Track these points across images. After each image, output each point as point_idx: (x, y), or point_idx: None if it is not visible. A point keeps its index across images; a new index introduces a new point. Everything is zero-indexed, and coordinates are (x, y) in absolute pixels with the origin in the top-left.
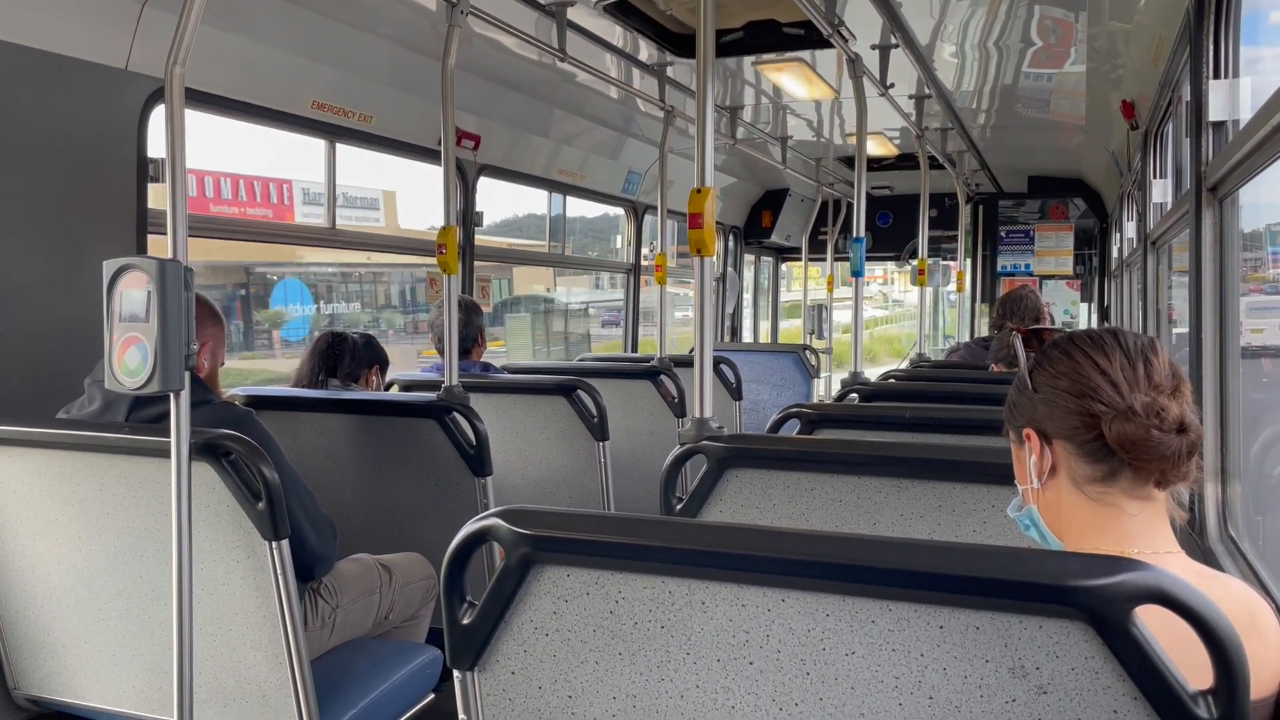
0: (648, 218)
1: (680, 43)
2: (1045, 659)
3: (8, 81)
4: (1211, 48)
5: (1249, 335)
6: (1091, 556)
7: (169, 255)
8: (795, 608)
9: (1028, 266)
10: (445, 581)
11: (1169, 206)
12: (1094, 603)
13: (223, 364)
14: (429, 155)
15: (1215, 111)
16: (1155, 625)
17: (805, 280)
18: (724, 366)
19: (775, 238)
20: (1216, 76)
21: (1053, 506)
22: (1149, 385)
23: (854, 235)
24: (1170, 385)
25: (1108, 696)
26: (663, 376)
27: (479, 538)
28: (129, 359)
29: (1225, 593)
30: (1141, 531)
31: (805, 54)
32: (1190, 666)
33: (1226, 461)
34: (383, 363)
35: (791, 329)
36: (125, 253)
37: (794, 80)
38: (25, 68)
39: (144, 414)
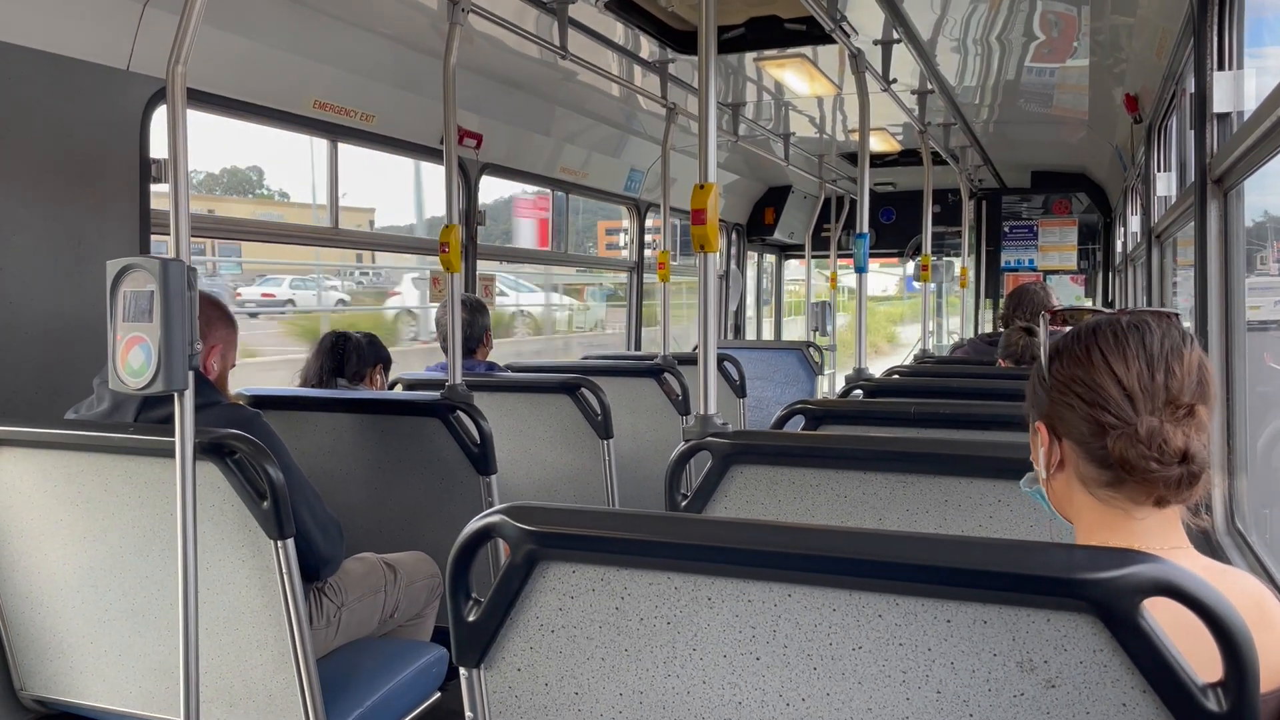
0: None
1: (682, 39)
2: (1053, 652)
3: (10, 83)
4: (1215, 39)
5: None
6: (1099, 549)
7: (172, 255)
8: (802, 603)
9: (1031, 262)
10: (451, 579)
11: (1173, 200)
12: (1102, 595)
13: (234, 365)
14: (431, 154)
15: (1220, 103)
16: (1163, 618)
17: (809, 277)
18: (728, 364)
19: (778, 235)
20: (1221, 68)
21: (1063, 498)
22: (1164, 401)
23: (857, 231)
24: (1187, 402)
25: (1117, 690)
26: (666, 374)
27: (485, 534)
28: (133, 359)
29: (1234, 585)
30: (1150, 532)
31: (807, 50)
32: (1199, 659)
33: (1233, 455)
34: (386, 361)
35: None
36: (129, 252)
37: (796, 76)
38: (27, 69)
39: (153, 414)
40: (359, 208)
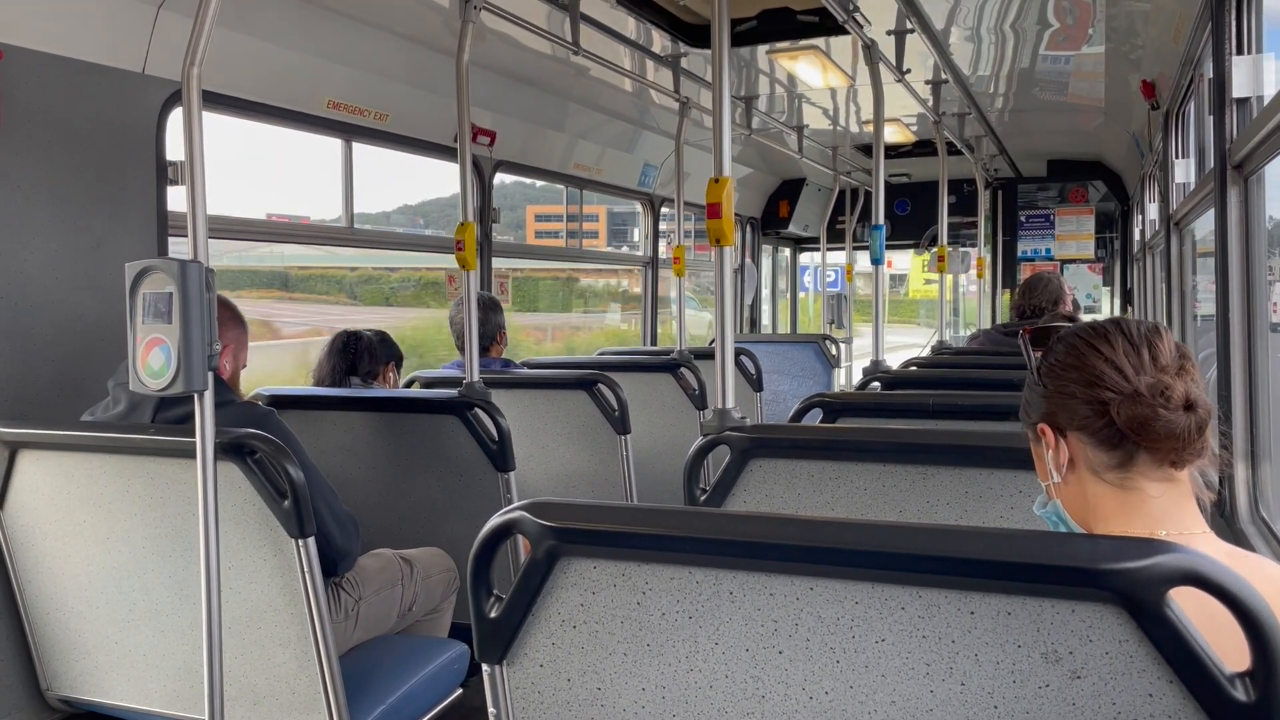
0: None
1: (694, 33)
2: (1078, 643)
3: (29, 87)
4: (1234, 23)
5: None
6: (1124, 539)
7: (190, 256)
8: (824, 596)
9: (1048, 251)
10: (472, 575)
11: (1192, 186)
12: (1127, 586)
13: (245, 365)
14: (445, 152)
15: (1239, 88)
16: (1188, 607)
17: (823, 270)
18: (744, 358)
19: (793, 228)
20: (1240, 52)
21: (1077, 498)
22: (1154, 368)
23: (873, 223)
24: (1175, 366)
25: (1143, 680)
26: (683, 369)
27: (505, 530)
28: (153, 360)
29: (1259, 574)
30: (1168, 513)
31: (820, 41)
32: (1225, 648)
33: (1257, 443)
34: (398, 359)
35: None
36: (147, 255)
37: (809, 68)
38: (45, 73)
39: (169, 415)
40: None
